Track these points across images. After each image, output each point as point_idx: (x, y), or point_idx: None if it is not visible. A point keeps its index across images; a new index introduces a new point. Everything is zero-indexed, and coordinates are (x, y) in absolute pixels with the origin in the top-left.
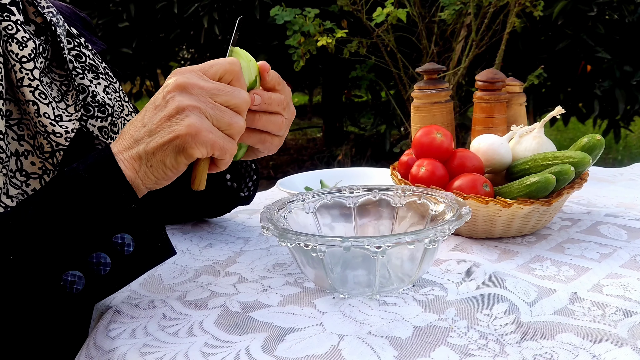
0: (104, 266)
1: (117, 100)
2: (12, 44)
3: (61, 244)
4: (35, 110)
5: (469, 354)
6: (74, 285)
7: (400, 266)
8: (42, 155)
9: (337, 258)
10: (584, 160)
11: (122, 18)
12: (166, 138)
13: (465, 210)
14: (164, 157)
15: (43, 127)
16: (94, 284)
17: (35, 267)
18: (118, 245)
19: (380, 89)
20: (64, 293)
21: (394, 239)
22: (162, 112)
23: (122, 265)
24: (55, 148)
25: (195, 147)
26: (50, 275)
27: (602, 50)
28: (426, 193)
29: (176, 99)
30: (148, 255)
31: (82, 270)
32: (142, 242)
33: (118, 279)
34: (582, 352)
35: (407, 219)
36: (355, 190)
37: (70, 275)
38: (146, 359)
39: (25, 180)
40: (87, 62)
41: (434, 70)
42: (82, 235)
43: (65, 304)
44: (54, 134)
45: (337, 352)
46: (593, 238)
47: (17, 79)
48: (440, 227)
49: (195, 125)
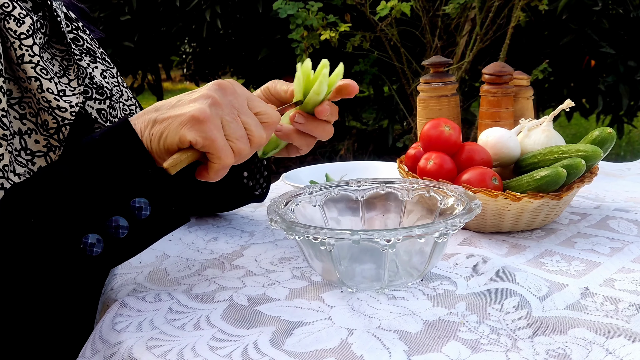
0: (122, 229)
1: (115, 85)
2: (9, 21)
3: (80, 207)
4: (39, 86)
5: (480, 349)
6: (94, 247)
7: (409, 260)
8: (46, 132)
9: (346, 251)
10: (595, 153)
11: (124, 11)
12: (176, 112)
13: (476, 203)
14: (164, 129)
15: (47, 102)
16: (113, 247)
17: (55, 230)
18: (135, 209)
19: (383, 84)
20: (83, 255)
21: (404, 232)
22: (190, 96)
23: (139, 229)
24: (60, 123)
25: (191, 130)
26: (70, 238)
27: (606, 45)
28: (435, 186)
29: (209, 91)
30: (164, 220)
31: (101, 233)
32: (158, 206)
33: (135, 242)
34: (595, 347)
35: (415, 213)
36: (362, 184)
37: (90, 237)
38: (153, 352)
39: (30, 159)
40: (84, 45)
41: (441, 64)
42: (100, 199)
43: (85, 267)
44: (59, 109)
45: (346, 347)
46: (603, 232)
47: (17, 56)
48: (451, 220)
49: (205, 111)
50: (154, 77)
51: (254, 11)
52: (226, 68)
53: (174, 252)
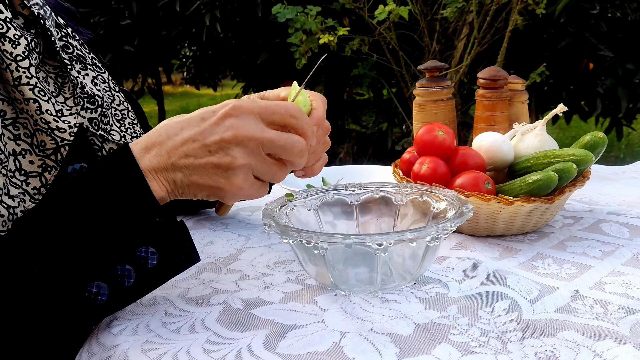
0: (128, 278)
1: (107, 90)
2: (4, 42)
3: (87, 255)
4: (37, 108)
5: (470, 351)
6: (99, 296)
7: (401, 263)
8: (42, 153)
9: (339, 255)
10: (587, 158)
11: (124, 16)
12: (207, 183)
13: (467, 207)
14: (197, 191)
15: (46, 124)
16: (118, 294)
17: (61, 277)
18: (142, 258)
19: (382, 87)
20: (88, 303)
21: (395, 237)
22: (212, 156)
23: (146, 276)
24: (60, 144)
25: (231, 199)
26: (75, 286)
27: (604, 48)
28: (428, 191)
29: (230, 153)
30: (171, 266)
31: (107, 281)
32: (165, 254)
33: (141, 289)
34: (584, 349)
35: (409, 217)
36: (357, 188)
37: (95, 286)
38: (148, 356)
39: (24, 179)
40: (74, 52)
41: (436, 68)
42: (108, 247)
43: (89, 314)
44: (59, 130)
45: (338, 349)
46: (595, 236)
47: (13, 78)
48: (442, 224)
49: (239, 185)
50: (155, 81)
51: (253, 15)
52: (226, 71)
53: None
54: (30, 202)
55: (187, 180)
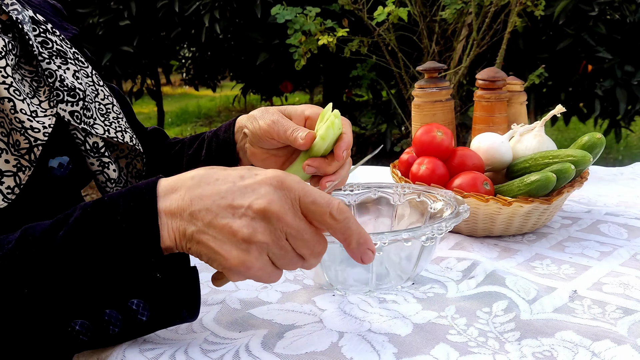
0: (114, 326)
1: (90, 85)
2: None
3: (78, 293)
4: (12, 107)
5: (468, 352)
6: (80, 335)
7: (398, 263)
8: (17, 153)
9: (335, 255)
10: (585, 158)
11: (123, 16)
12: (216, 248)
13: (464, 208)
14: (203, 252)
15: (20, 123)
16: (100, 338)
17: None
18: (132, 310)
19: (381, 88)
20: (69, 336)
21: (390, 236)
22: (234, 220)
23: (133, 327)
24: (33, 144)
25: (235, 276)
26: (60, 319)
27: (603, 50)
28: (425, 191)
29: (256, 225)
30: (161, 322)
31: (93, 323)
32: (158, 312)
33: (125, 337)
34: (581, 349)
35: (406, 217)
36: (355, 188)
37: (79, 324)
38: (146, 356)
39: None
40: (54, 47)
41: (435, 69)
42: (100, 291)
43: (67, 346)
44: (32, 130)
45: (336, 349)
46: (593, 237)
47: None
48: (438, 224)
49: (249, 263)
50: (154, 82)
51: (252, 16)
52: (225, 72)
53: None
54: (2, 201)
55: (198, 237)
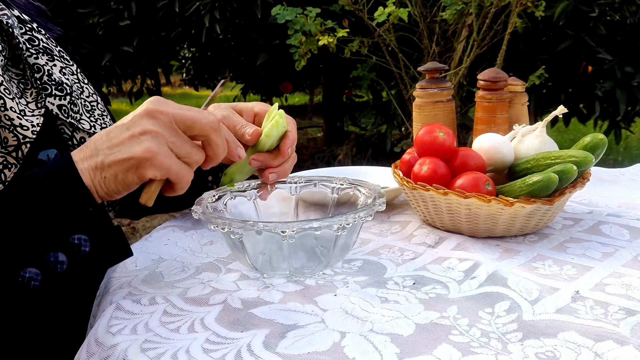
0: (61, 264)
1: (75, 82)
2: None
3: (20, 242)
4: (2, 105)
5: (471, 352)
6: (32, 281)
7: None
8: (4, 150)
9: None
10: (587, 159)
11: (124, 16)
12: (123, 156)
13: (379, 202)
14: (117, 172)
15: (9, 120)
16: (51, 280)
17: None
18: (74, 245)
19: (381, 89)
20: (22, 288)
21: (298, 225)
22: (127, 132)
23: (79, 264)
24: (21, 141)
25: (148, 169)
26: (8, 271)
27: (603, 51)
28: (359, 185)
29: (142, 122)
30: (104, 255)
31: (40, 267)
32: (98, 243)
33: (74, 275)
34: (584, 350)
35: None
36: (298, 180)
37: (29, 272)
38: (147, 355)
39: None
40: (40, 45)
41: (436, 69)
42: (40, 235)
43: (24, 298)
44: (21, 127)
45: (339, 349)
46: (595, 237)
47: None
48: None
49: (152, 149)
50: (154, 82)
51: (252, 16)
52: (225, 73)
53: (170, 256)
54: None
55: (107, 161)
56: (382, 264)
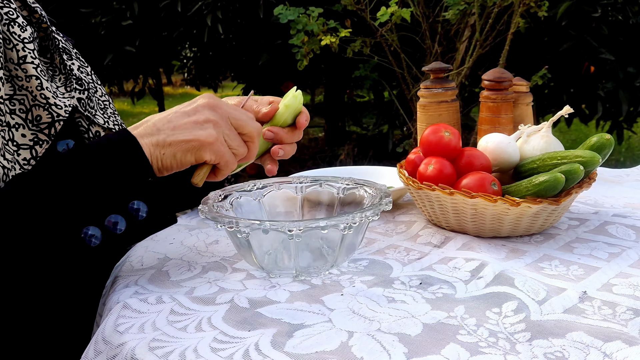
0: (120, 226)
1: (91, 81)
2: (14, 26)
3: (84, 202)
4: (38, 85)
5: (479, 352)
6: (92, 238)
7: (319, 249)
8: (35, 127)
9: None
10: (594, 159)
11: (126, 16)
12: (186, 137)
13: (386, 201)
14: (176, 151)
15: (45, 99)
16: (110, 241)
17: (59, 220)
18: (134, 210)
19: (383, 89)
20: (82, 245)
21: (305, 224)
22: (189, 118)
23: (135, 227)
24: (55, 119)
25: (207, 152)
26: (72, 228)
27: (605, 51)
28: (365, 185)
29: (206, 113)
30: (156, 221)
31: (101, 227)
32: (153, 209)
33: (129, 238)
34: (593, 350)
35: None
36: (303, 180)
37: (90, 229)
38: (156, 354)
39: (16, 150)
40: (60, 45)
41: (441, 69)
42: (103, 198)
43: (82, 256)
44: (56, 106)
45: (346, 349)
46: (601, 238)
47: (18, 57)
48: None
49: (214, 135)
50: (155, 82)
51: (255, 16)
52: (227, 73)
53: (176, 255)
54: (20, 170)
55: (169, 140)
56: (388, 264)
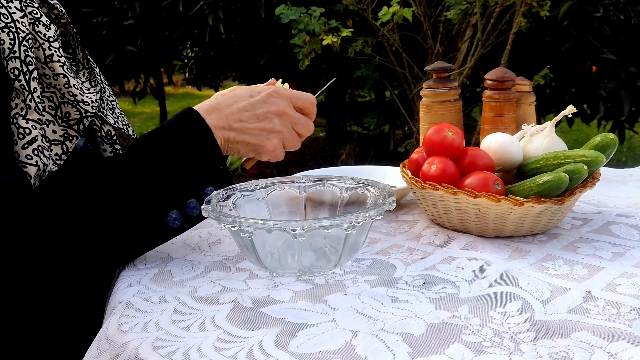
0: (196, 209)
1: (100, 82)
2: (39, 25)
3: (168, 189)
4: (66, 82)
5: (483, 352)
6: (175, 221)
7: (323, 249)
8: (65, 124)
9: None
10: (597, 159)
11: (127, 16)
12: (254, 141)
13: (389, 201)
14: (240, 148)
15: (73, 96)
16: (187, 222)
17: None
18: (207, 195)
19: (384, 89)
20: (166, 227)
21: (309, 223)
22: (259, 123)
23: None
24: (83, 115)
25: (265, 156)
26: (158, 212)
27: (607, 51)
28: (368, 184)
29: (274, 121)
30: None
31: (181, 210)
32: None
33: (198, 220)
34: (598, 350)
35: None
36: (306, 180)
37: (174, 213)
38: (159, 353)
39: (48, 145)
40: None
41: (444, 69)
42: (184, 184)
43: (165, 235)
44: (83, 103)
45: (350, 348)
46: (605, 237)
47: (45, 56)
48: (358, 213)
49: (276, 145)
50: (156, 81)
51: (256, 16)
52: (228, 72)
53: (179, 255)
54: (53, 165)
55: (238, 138)
56: (391, 264)
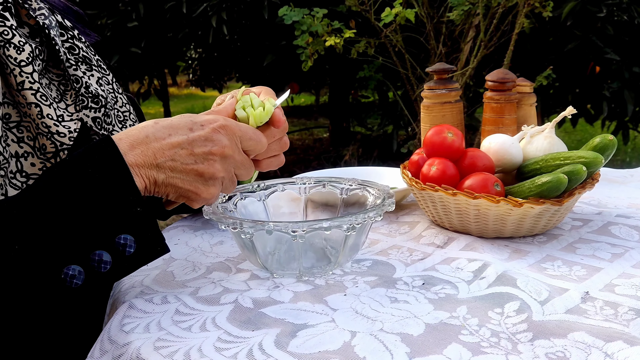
0: (105, 264)
1: (110, 92)
2: (9, 48)
3: (66, 239)
4: (38, 112)
5: (481, 352)
6: (74, 279)
7: (323, 249)
8: (43, 156)
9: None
10: (596, 160)
11: (131, 18)
12: (187, 187)
13: (389, 202)
14: (171, 191)
15: (47, 127)
16: (93, 280)
17: (39, 258)
18: (120, 245)
19: (387, 90)
20: (63, 286)
21: (308, 225)
22: (197, 165)
23: (122, 263)
24: (59, 148)
25: (199, 204)
26: (52, 268)
27: (611, 51)
28: (368, 185)
29: (216, 166)
30: (146, 254)
31: (84, 266)
32: (142, 243)
33: (116, 275)
34: (594, 350)
35: (351, 209)
36: (307, 181)
37: (72, 269)
38: (161, 353)
39: (25, 180)
40: (80, 54)
41: (445, 70)
42: (87, 233)
43: (63, 297)
44: (58, 134)
45: (349, 349)
46: (604, 238)
47: (17, 83)
48: (358, 215)
49: (213, 193)
50: (160, 83)
51: (259, 17)
52: (232, 74)
53: (181, 256)
54: None
55: (167, 181)
56: (391, 264)
